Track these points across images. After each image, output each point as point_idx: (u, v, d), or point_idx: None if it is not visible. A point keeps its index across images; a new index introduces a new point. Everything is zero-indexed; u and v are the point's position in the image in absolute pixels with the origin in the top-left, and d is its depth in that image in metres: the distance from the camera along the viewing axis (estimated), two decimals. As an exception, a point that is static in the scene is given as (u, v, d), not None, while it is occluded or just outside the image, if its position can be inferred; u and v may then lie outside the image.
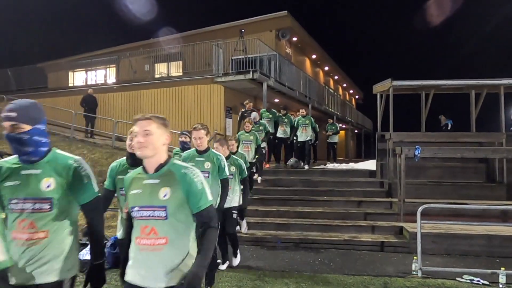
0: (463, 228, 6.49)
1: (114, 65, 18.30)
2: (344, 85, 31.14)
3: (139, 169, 2.13)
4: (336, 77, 28.13)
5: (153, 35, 19.31)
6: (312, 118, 10.90)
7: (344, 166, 11.53)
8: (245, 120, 8.73)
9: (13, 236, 1.97)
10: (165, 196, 1.98)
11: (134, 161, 2.83)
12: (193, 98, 13.30)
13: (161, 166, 2.05)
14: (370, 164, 11.35)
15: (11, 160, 2.06)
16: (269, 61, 13.33)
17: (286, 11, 16.46)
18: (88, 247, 5.28)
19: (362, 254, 6.33)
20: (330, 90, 23.03)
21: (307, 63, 21.90)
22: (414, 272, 5.18)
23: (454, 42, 71.38)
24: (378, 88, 9.50)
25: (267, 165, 10.53)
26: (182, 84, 13.65)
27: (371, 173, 9.83)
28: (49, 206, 1.97)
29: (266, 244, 6.82)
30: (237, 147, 7.01)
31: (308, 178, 9.58)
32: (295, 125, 10.65)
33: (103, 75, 18.87)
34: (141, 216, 2.00)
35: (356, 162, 14.24)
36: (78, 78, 19.77)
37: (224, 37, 14.10)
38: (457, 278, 4.99)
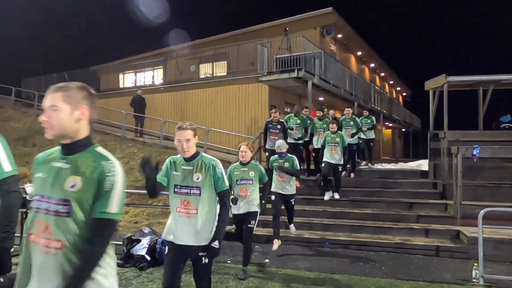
0: (528, 234, 6.02)
1: (161, 67, 18.88)
2: (391, 82, 30.10)
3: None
4: (382, 74, 27.24)
5: (198, 36, 19.70)
6: (357, 119, 10.05)
7: (393, 166, 11.12)
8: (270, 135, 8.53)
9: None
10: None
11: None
12: (238, 97, 13.40)
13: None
14: (420, 164, 10.86)
15: None
16: (314, 59, 13.13)
17: (330, 8, 16.13)
18: (141, 242, 5.47)
19: (415, 258, 6.06)
20: (377, 87, 22.34)
21: (352, 60, 21.37)
22: (474, 280, 4.87)
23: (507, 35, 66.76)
24: (431, 84, 9.05)
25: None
26: (226, 84, 13.78)
27: (422, 174, 9.40)
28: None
29: (314, 245, 6.71)
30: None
31: (355, 178, 9.33)
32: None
33: (151, 76, 19.54)
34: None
35: (404, 162, 13.69)
36: (127, 79, 20.60)
37: (268, 36, 14.06)
38: (524, 288, 4.63)
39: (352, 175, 9.56)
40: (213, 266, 3.03)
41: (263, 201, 5.34)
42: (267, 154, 8.53)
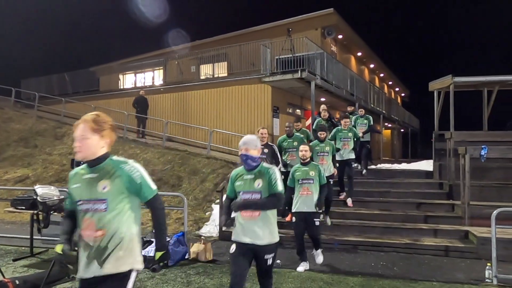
0: (538, 234, 6.04)
1: (161, 67, 18.82)
2: (390, 82, 30.19)
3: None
4: (381, 75, 27.33)
5: (198, 37, 19.67)
6: (370, 118, 9.96)
7: (397, 166, 11.15)
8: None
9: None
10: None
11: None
12: (240, 98, 13.38)
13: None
14: (424, 165, 10.88)
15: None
16: (315, 59, 13.14)
17: (332, 9, 16.16)
18: (153, 244, 5.45)
19: (425, 258, 6.07)
20: (376, 88, 22.39)
21: (352, 61, 21.43)
22: (487, 280, 4.89)
23: (506, 36, 67.22)
24: (436, 85, 9.08)
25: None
26: (228, 85, 13.76)
27: (427, 174, 9.43)
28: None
29: (323, 245, 6.67)
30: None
31: (362, 179, 9.33)
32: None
33: (151, 77, 19.49)
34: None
35: (406, 162, 13.72)
36: (127, 80, 20.53)
37: (269, 37, 14.07)
38: (538, 288, 4.65)
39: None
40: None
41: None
42: None
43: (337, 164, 7.53)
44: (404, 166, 11.13)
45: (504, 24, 58.07)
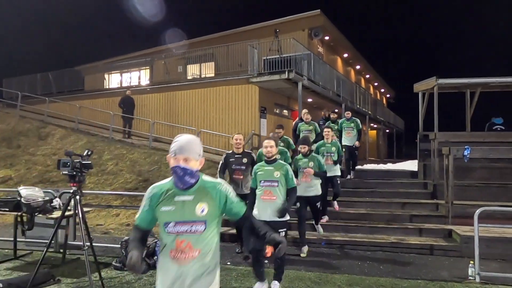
0: (518, 232, 6.21)
1: (148, 67, 18.68)
2: (376, 84, 30.56)
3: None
4: (367, 76, 27.66)
5: (185, 37, 19.58)
6: (358, 121, 9.45)
7: (382, 166, 11.30)
8: None
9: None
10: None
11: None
12: (227, 98, 13.36)
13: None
14: (409, 165, 11.08)
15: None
16: (302, 60, 13.22)
17: (319, 10, 16.30)
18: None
19: (411, 257, 6.16)
20: (362, 89, 22.65)
21: (339, 62, 21.63)
22: (470, 277, 5.00)
23: (489, 38, 68.75)
24: (421, 86, 9.24)
25: None
26: (216, 85, 13.73)
27: (412, 174, 9.59)
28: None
29: (310, 245, 6.73)
30: None
31: (348, 179, 9.43)
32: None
33: (137, 76, 19.32)
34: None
35: (392, 163, 13.93)
36: (113, 80, 20.31)
37: (257, 37, 14.11)
38: (519, 285, 4.77)
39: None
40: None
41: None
42: None
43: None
44: (389, 166, 11.30)
45: (489, 26, 59.36)
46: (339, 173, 7.55)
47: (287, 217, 4.51)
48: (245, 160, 6.05)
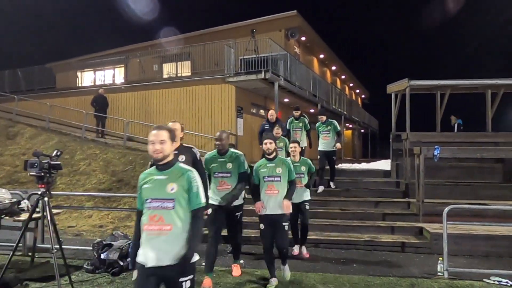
0: (484, 229, 6.46)
1: (123, 65, 18.34)
2: (351, 84, 31.09)
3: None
4: (343, 77, 28.09)
5: (161, 35, 19.34)
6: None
7: (357, 166, 11.49)
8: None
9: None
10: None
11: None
12: (204, 98, 13.27)
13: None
14: (382, 164, 11.30)
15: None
16: (279, 60, 13.29)
17: (295, 11, 16.42)
18: (113, 246, 5.31)
19: (383, 255, 6.30)
20: (337, 89, 22.99)
21: (315, 62, 21.87)
22: (439, 273, 5.15)
23: (458, 41, 71.15)
24: (394, 87, 9.46)
25: None
26: (192, 84, 13.61)
27: (385, 173, 9.80)
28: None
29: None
30: None
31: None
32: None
33: (111, 75, 18.92)
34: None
35: (366, 162, 14.18)
36: (86, 78, 19.82)
37: (234, 37, 14.10)
38: (485, 280, 4.96)
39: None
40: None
41: None
42: None
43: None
44: (364, 165, 11.49)
45: (461, 29, 61.40)
46: (308, 197, 6.14)
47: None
48: (181, 157, 4.59)
